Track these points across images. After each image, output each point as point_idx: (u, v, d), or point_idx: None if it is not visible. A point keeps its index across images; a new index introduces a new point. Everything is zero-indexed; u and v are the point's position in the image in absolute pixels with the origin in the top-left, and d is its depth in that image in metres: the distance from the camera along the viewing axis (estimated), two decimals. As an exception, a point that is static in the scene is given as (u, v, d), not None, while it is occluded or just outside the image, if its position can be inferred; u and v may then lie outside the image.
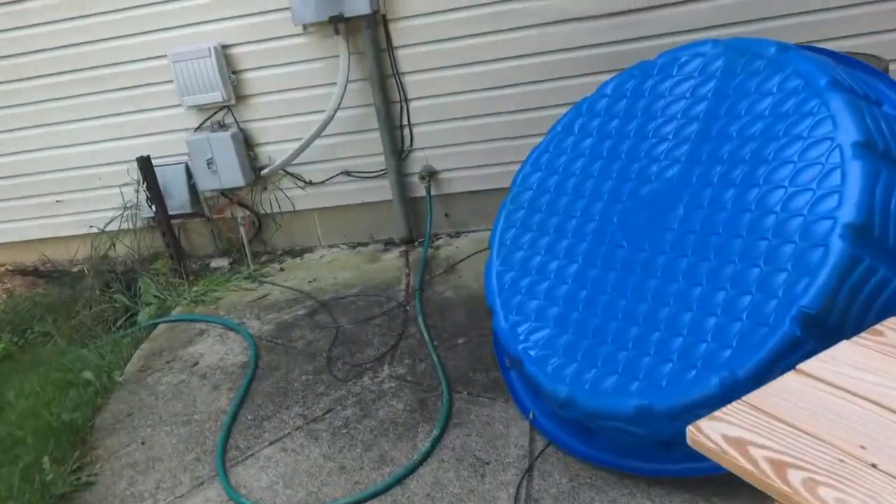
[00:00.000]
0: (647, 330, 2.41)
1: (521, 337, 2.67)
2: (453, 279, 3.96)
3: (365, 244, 4.56)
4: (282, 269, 4.45)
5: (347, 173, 4.43)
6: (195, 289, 4.34)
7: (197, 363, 3.64)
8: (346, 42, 4.06)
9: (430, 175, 4.31)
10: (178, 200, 4.52)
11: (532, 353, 2.61)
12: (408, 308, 3.77)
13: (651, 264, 2.50)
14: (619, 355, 2.43)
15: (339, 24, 4.01)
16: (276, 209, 4.57)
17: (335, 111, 4.17)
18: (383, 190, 4.40)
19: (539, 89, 4.05)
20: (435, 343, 3.41)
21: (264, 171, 4.42)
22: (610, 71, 3.91)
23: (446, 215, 4.45)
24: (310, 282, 4.23)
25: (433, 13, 4.02)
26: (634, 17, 3.84)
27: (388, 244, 4.50)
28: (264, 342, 3.70)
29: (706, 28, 3.75)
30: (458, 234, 4.45)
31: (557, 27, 3.93)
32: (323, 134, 4.24)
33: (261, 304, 4.09)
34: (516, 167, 4.41)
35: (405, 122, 4.26)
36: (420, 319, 3.60)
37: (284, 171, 4.46)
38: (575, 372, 2.48)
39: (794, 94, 2.41)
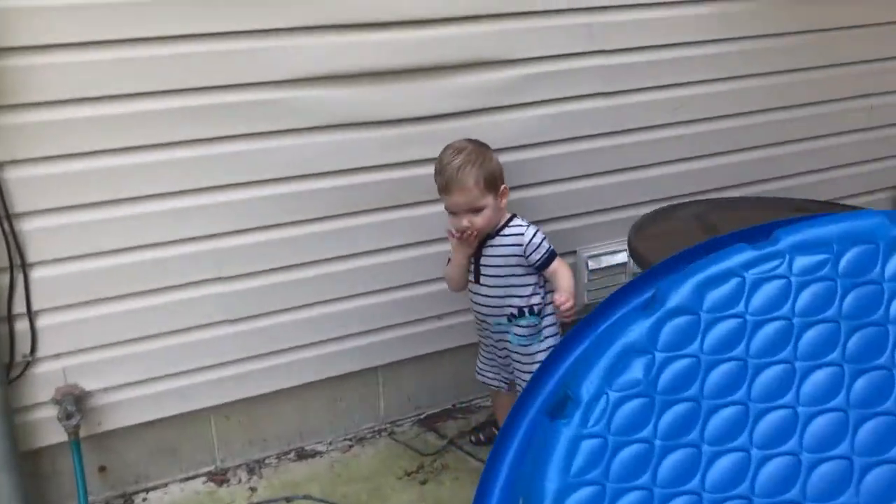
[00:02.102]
0: None
1: None
2: None
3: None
4: None
5: None
6: None
7: None
8: None
9: (77, 403, 2.21)
10: None
11: None
12: None
13: None
14: None
15: None
16: None
17: None
18: (-35, 443, 2.14)
19: (294, 235, 2.32)
20: None
21: None
22: (418, 204, 2.37)
23: (102, 469, 2.36)
24: None
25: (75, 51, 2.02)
26: (446, 124, 2.38)
27: (-21, 546, 2.22)
28: None
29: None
30: (128, 499, 2.39)
31: (326, 135, 2.27)
32: None
33: None
34: (238, 370, 2.35)
35: (19, 308, 2.11)
36: None
37: None
38: None
39: None
